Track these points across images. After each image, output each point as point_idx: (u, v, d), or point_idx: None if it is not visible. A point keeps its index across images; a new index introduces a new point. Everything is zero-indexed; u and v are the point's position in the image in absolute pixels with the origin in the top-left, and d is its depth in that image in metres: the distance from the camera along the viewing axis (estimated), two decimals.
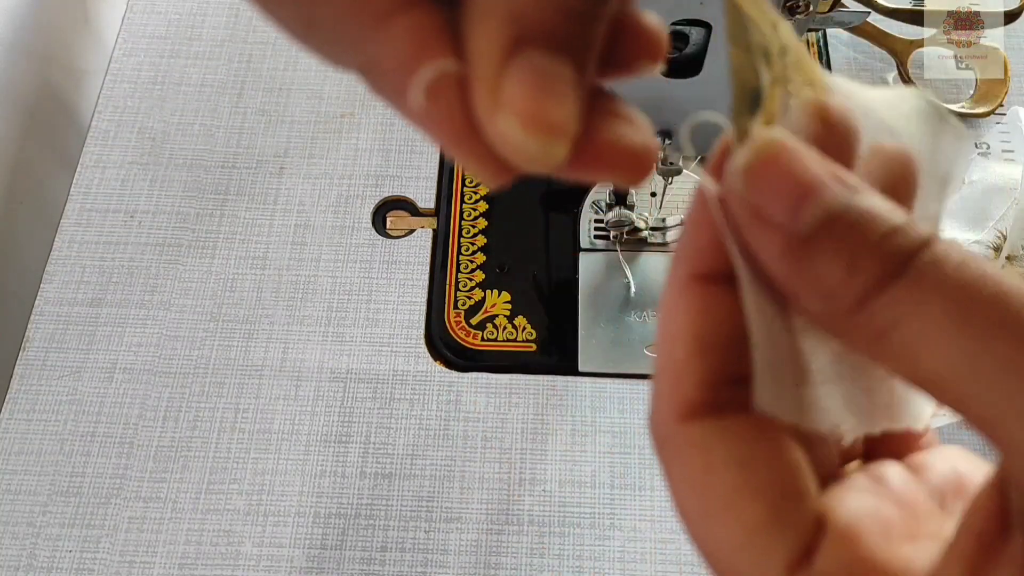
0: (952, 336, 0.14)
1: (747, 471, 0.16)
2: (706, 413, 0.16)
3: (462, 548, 0.46)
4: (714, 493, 0.16)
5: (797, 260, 0.15)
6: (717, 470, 0.16)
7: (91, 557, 0.46)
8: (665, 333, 0.17)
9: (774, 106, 0.16)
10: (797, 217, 0.15)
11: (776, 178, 0.15)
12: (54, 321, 0.53)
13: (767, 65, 0.16)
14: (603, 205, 0.56)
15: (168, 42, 0.63)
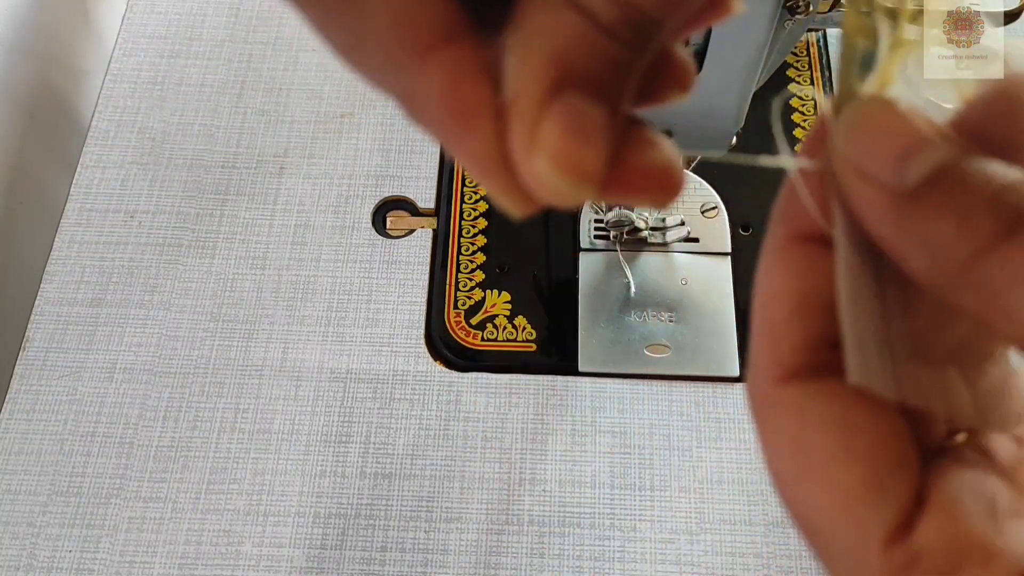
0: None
1: (846, 435, 0.15)
2: (805, 376, 0.16)
3: (462, 548, 0.46)
4: (811, 456, 0.16)
5: (904, 217, 0.14)
6: (815, 433, 0.16)
7: (91, 557, 0.46)
8: (764, 294, 0.17)
9: (890, 71, 0.15)
10: (903, 173, 0.14)
11: (881, 135, 0.15)
12: (54, 321, 0.53)
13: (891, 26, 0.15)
14: (603, 205, 0.56)
15: (168, 42, 0.63)
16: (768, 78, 0.41)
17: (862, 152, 0.15)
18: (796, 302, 0.16)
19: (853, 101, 0.15)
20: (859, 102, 0.15)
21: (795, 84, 0.60)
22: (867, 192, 0.15)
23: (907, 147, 0.14)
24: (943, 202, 0.14)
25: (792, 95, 0.60)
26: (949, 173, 0.14)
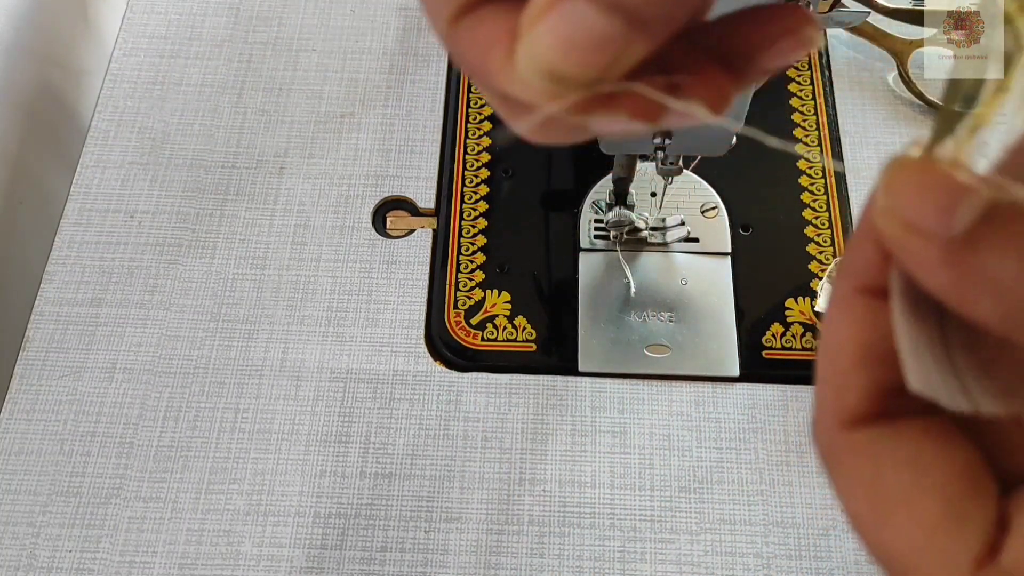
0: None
1: (919, 470, 0.16)
2: (872, 420, 0.16)
3: (462, 548, 0.46)
4: (887, 496, 0.16)
5: (960, 264, 0.14)
6: (887, 472, 0.16)
7: (91, 557, 0.46)
8: (829, 344, 0.17)
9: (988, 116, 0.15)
10: (951, 221, 0.14)
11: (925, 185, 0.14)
12: (54, 321, 0.53)
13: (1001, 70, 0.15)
14: (603, 205, 0.56)
15: (168, 42, 0.63)
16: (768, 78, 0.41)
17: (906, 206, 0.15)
18: (861, 351, 0.16)
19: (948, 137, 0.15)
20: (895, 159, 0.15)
21: (795, 84, 0.60)
22: (917, 245, 0.14)
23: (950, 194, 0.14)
24: (1001, 240, 0.14)
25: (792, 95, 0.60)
26: (1001, 210, 0.14)
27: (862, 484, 0.16)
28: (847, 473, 0.16)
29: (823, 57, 0.61)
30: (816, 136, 0.58)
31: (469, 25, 0.16)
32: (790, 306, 0.52)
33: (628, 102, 0.16)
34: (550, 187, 0.57)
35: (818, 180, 0.56)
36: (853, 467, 0.16)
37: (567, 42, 0.14)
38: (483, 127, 0.59)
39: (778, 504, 0.47)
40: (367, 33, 0.63)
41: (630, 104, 0.16)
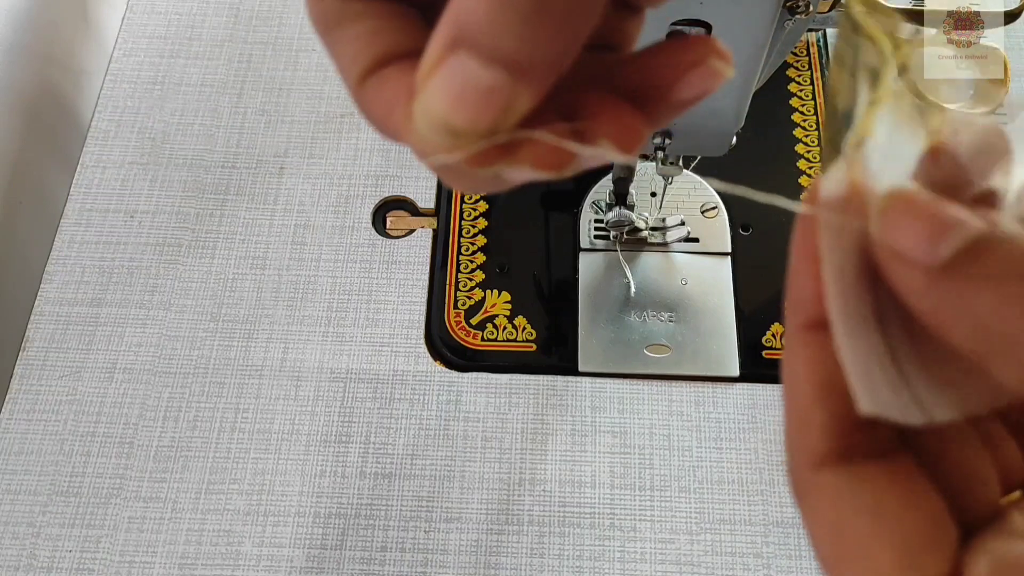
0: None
1: (878, 520, 0.16)
2: (837, 460, 0.16)
3: (462, 548, 0.46)
4: (847, 541, 0.16)
5: (942, 291, 0.15)
6: (849, 519, 0.16)
7: (91, 557, 0.46)
8: (787, 383, 0.17)
9: (868, 129, 0.16)
10: (937, 249, 0.15)
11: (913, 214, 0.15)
12: (54, 321, 0.53)
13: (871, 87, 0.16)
14: (603, 205, 0.56)
15: (168, 42, 0.63)
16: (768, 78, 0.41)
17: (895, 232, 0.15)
18: (817, 387, 0.17)
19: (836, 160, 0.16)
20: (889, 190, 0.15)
21: (795, 84, 0.60)
22: (904, 271, 0.15)
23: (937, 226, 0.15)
24: (980, 272, 0.14)
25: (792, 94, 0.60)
26: (983, 244, 0.14)
27: (825, 526, 0.16)
28: (812, 514, 0.17)
29: (823, 57, 0.61)
30: (816, 136, 0.58)
31: (374, 85, 0.17)
32: None
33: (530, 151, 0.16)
34: (550, 187, 0.57)
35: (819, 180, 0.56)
36: (817, 509, 0.17)
37: (456, 97, 0.14)
38: None
39: (778, 504, 0.47)
40: None
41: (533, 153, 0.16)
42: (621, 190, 0.52)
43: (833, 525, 0.16)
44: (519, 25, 0.14)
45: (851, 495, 0.16)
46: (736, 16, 0.34)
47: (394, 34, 0.17)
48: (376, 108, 0.17)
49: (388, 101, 0.16)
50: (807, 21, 0.36)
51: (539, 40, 0.14)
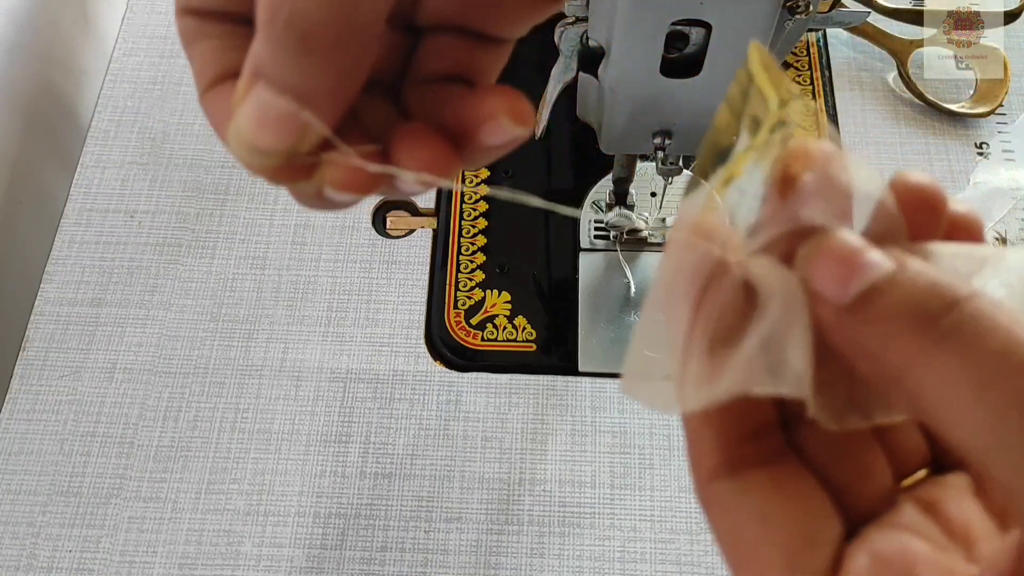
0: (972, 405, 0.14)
1: (765, 524, 0.18)
2: (727, 472, 0.18)
3: (462, 548, 0.46)
4: (740, 545, 0.18)
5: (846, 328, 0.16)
6: (740, 525, 0.18)
7: (91, 557, 0.46)
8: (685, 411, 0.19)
9: (738, 169, 0.18)
10: (844, 292, 0.16)
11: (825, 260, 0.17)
12: (54, 321, 0.53)
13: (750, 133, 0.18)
14: (603, 205, 0.56)
15: (168, 42, 0.63)
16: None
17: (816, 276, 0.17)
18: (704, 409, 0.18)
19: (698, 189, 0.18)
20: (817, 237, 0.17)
21: (795, 84, 0.60)
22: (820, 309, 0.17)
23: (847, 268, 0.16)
24: (873, 312, 0.16)
25: None
26: (879, 286, 0.16)
27: (723, 532, 0.18)
28: (712, 521, 0.18)
29: (823, 57, 0.61)
30: (816, 136, 0.58)
31: (212, 98, 0.19)
32: None
33: (329, 170, 0.18)
34: (550, 187, 0.57)
35: None
36: (716, 517, 0.18)
37: (258, 121, 0.17)
38: None
39: None
40: None
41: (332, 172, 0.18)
42: (621, 190, 0.52)
43: (728, 531, 0.18)
44: (292, 61, 0.16)
45: (740, 502, 0.18)
46: (736, 16, 0.34)
47: (237, 52, 0.18)
48: (212, 118, 0.19)
49: (220, 116, 0.18)
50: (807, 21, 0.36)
51: (312, 74, 0.16)
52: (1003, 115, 0.59)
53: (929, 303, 0.15)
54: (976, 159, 0.57)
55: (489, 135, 0.18)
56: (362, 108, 0.19)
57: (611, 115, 0.40)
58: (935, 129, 0.58)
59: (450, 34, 0.20)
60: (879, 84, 0.60)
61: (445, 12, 0.20)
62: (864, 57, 0.61)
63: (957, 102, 0.59)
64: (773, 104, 0.18)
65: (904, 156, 0.57)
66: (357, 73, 0.17)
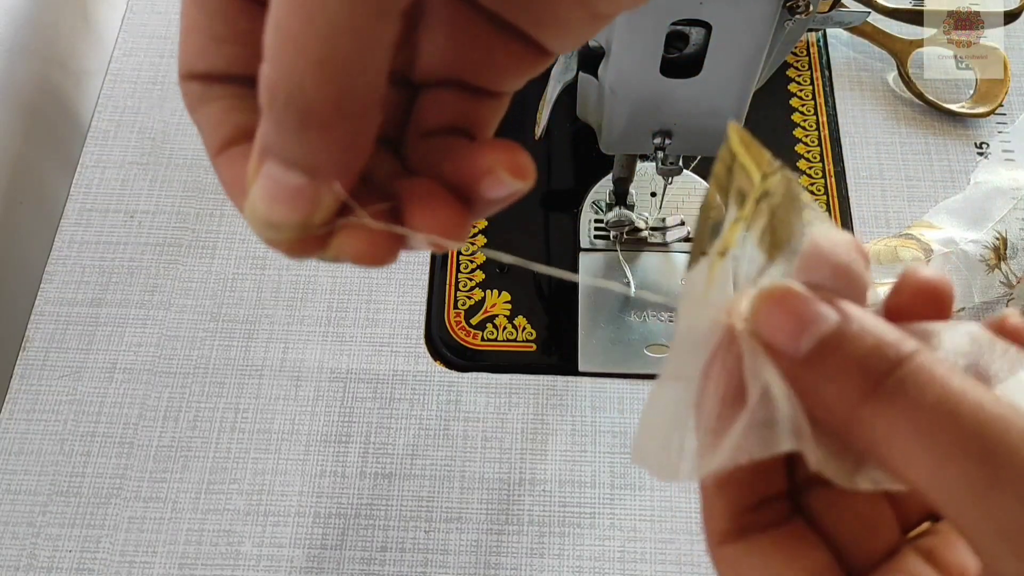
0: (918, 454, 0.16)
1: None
2: (736, 536, 0.19)
3: (462, 548, 0.46)
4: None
5: (800, 380, 0.17)
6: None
7: (91, 557, 0.46)
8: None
9: (732, 240, 0.19)
10: (797, 346, 0.17)
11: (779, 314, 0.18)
12: (54, 321, 0.53)
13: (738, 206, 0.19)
14: (603, 205, 0.56)
15: (168, 42, 0.63)
16: (768, 78, 0.41)
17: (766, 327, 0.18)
18: (717, 481, 0.20)
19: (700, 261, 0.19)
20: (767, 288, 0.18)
21: (795, 84, 0.60)
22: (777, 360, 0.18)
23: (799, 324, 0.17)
24: (825, 368, 0.17)
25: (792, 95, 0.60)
26: (829, 341, 0.17)
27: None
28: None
29: (823, 57, 0.61)
30: (816, 136, 0.58)
31: (224, 162, 0.19)
32: None
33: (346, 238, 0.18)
34: (550, 187, 0.57)
35: (818, 180, 0.56)
36: (724, 574, 0.20)
37: (270, 198, 0.17)
38: None
39: None
40: None
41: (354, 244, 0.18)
42: (621, 190, 0.52)
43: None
44: (296, 138, 0.16)
45: (746, 562, 0.19)
46: (736, 16, 0.34)
47: (245, 114, 0.18)
48: (225, 184, 0.19)
49: (233, 183, 0.18)
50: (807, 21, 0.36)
51: (318, 148, 0.16)
52: (1003, 115, 0.59)
53: (874, 362, 0.17)
54: (976, 159, 0.57)
55: (488, 189, 0.18)
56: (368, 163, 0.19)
57: (611, 115, 0.40)
58: (935, 129, 0.58)
59: (447, 88, 0.20)
60: (879, 84, 0.60)
61: (441, 68, 0.20)
62: (864, 57, 0.61)
63: (957, 102, 0.59)
64: (756, 177, 0.19)
65: (904, 156, 0.57)
66: (363, 142, 0.17)
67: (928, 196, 0.55)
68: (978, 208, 0.53)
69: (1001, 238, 0.52)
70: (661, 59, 0.36)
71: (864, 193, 0.56)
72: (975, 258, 0.50)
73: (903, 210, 0.55)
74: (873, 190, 0.56)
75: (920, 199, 0.55)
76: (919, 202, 0.55)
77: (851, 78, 0.60)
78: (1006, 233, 0.51)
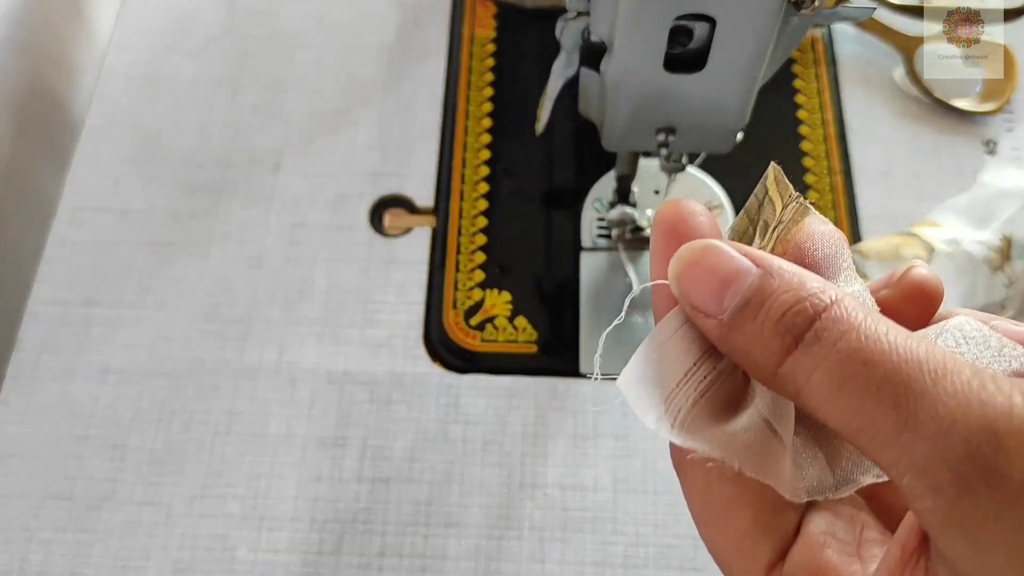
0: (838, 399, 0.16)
1: (738, 485, 0.19)
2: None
3: (461, 554, 0.45)
4: (713, 504, 0.20)
5: (726, 340, 0.19)
6: (714, 484, 0.19)
7: (84, 562, 0.46)
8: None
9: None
10: (721, 307, 0.18)
11: (701, 276, 0.19)
12: (47, 322, 0.52)
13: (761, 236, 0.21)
14: (605, 203, 0.55)
15: (162, 38, 0.62)
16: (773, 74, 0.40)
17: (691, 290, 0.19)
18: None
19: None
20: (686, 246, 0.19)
21: (800, 80, 0.59)
22: (701, 321, 0.19)
23: (720, 284, 0.18)
24: (750, 325, 0.18)
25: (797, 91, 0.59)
26: (750, 299, 0.18)
27: (697, 491, 0.20)
28: (687, 481, 0.20)
29: (829, 53, 0.60)
30: (822, 133, 0.57)
31: None
32: None
33: None
34: (551, 185, 0.56)
35: (824, 178, 0.56)
36: (691, 477, 0.20)
37: None
38: (483, 124, 0.58)
39: None
40: (365, 28, 0.62)
41: None
42: (623, 187, 0.51)
43: (702, 491, 0.20)
44: None
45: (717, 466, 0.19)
46: (741, 12, 0.34)
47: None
48: None
49: None
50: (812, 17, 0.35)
51: None
52: (1010, 112, 0.58)
53: (794, 317, 0.17)
54: (984, 157, 0.56)
55: None
56: None
57: (613, 111, 0.39)
58: (942, 126, 0.57)
59: None
60: (886, 80, 0.59)
61: None
62: (871, 53, 0.60)
63: (964, 98, 0.58)
64: (779, 208, 0.21)
65: (911, 154, 0.56)
66: None
67: (936, 194, 0.54)
68: (984, 208, 0.52)
69: (1007, 239, 0.51)
70: (664, 54, 0.35)
71: (871, 191, 0.55)
72: (979, 259, 0.50)
73: (911, 208, 0.54)
74: (880, 188, 0.55)
75: (928, 197, 0.54)
76: (927, 200, 0.54)
77: (857, 74, 0.59)
78: (1012, 234, 0.51)
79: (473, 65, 0.60)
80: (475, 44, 0.61)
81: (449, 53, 0.61)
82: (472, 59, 0.60)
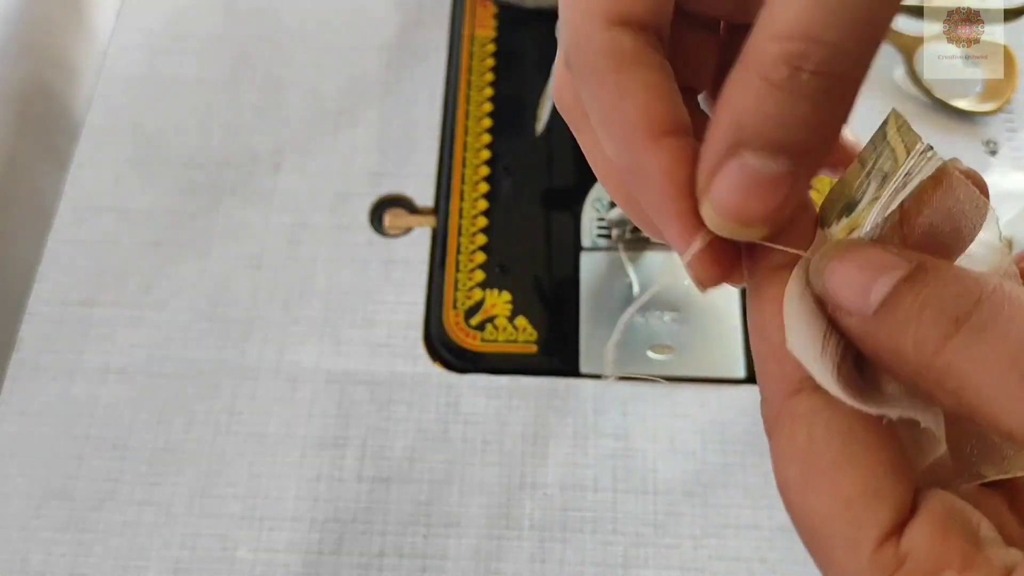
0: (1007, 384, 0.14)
1: (848, 443, 0.17)
2: (814, 387, 0.17)
3: (461, 554, 0.45)
4: (816, 463, 0.17)
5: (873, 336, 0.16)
6: (819, 441, 0.17)
7: (84, 562, 0.46)
8: (758, 323, 0.18)
9: (862, 220, 0.18)
10: (867, 301, 0.16)
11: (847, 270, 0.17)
12: (47, 321, 0.52)
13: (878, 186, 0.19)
14: (605, 203, 0.55)
15: (163, 38, 0.62)
16: None
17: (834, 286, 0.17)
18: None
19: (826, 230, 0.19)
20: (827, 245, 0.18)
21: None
22: (843, 318, 0.17)
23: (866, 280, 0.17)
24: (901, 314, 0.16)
25: None
26: (902, 292, 0.16)
27: (796, 448, 0.17)
28: (785, 438, 0.18)
29: None
30: None
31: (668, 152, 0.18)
32: None
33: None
34: (551, 185, 0.56)
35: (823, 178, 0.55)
36: (791, 432, 0.18)
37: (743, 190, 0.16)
38: (483, 124, 0.58)
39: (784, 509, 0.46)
40: (365, 28, 0.62)
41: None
42: None
43: (804, 447, 0.17)
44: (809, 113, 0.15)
45: (824, 418, 0.17)
46: None
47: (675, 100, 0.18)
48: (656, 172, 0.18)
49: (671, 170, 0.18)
50: None
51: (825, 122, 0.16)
52: (1011, 114, 0.58)
53: (955, 301, 0.15)
54: (985, 158, 0.56)
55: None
56: None
57: None
58: (943, 126, 0.57)
59: None
60: (886, 80, 0.59)
61: None
62: None
63: (965, 98, 0.58)
64: (902, 158, 0.19)
65: None
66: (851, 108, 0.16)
67: None
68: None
69: (1008, 241, 0.51)
70: None
71: None
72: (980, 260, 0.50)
73: None
74: None
75: None
76: None
77: None
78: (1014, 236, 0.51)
79: (473, 65, 0.60)
80: (475, 44, 0.61)
81: (449, 53, 0.61)
82: (472, 59, 0.60)
